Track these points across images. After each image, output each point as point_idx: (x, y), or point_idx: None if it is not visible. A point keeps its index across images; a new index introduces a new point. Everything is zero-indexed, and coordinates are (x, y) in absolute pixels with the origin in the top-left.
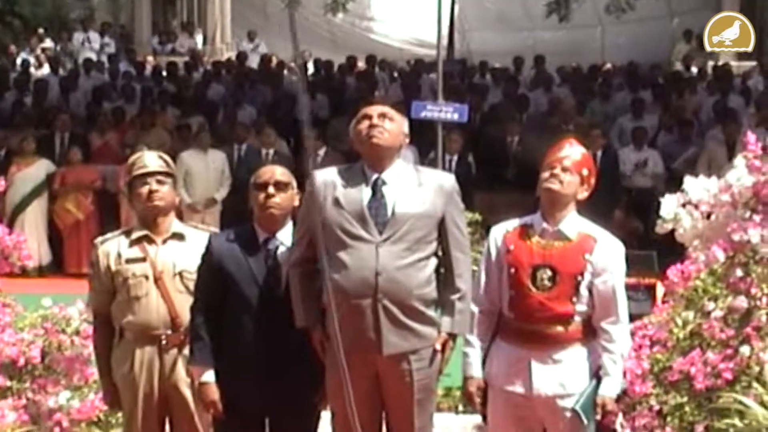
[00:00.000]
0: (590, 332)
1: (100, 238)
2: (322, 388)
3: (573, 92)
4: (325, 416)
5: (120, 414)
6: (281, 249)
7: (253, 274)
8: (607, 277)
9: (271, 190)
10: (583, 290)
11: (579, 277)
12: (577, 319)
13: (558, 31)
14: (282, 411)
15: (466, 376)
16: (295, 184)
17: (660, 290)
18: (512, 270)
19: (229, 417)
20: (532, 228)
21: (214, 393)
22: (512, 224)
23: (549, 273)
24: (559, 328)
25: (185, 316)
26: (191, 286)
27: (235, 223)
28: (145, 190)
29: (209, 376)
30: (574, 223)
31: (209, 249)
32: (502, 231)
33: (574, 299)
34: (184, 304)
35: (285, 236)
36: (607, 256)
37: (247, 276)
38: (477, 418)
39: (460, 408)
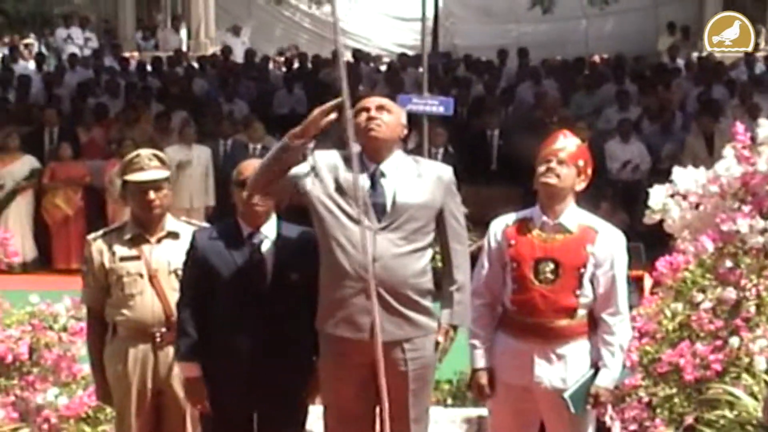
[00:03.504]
0: (596, 326)
1: (92, 235)
2: (310, 382)
3: (558, 85)
4: (314, 411)
5: (108, 410)
6: (265, 243)
7: (238, 269)
8: (609, 267)
9: None
10: (586, 282)
11: (582, 269)
12: (582, 312)
13: (542, 24)
14: (270, 406)
15: (475, 368)
16: None
17: (647, 282)
18: (514, 264)
19: (217, 413)
20: (531, 221)
21: (201, 388)
22: (511, 218)
23: (551, 266)
24: (564, 322)
25: None
26: None
27: (222, 218)
28: (143, 198)
29: (195, 371)
30: (574, 216)
31: (194, 244)
32: (501, 225)
33: (578, 292)
34: None
35: (269, 230)
36: (608, 247)
37: (232, 271)
38: (465, 411)
39: (449, 401)
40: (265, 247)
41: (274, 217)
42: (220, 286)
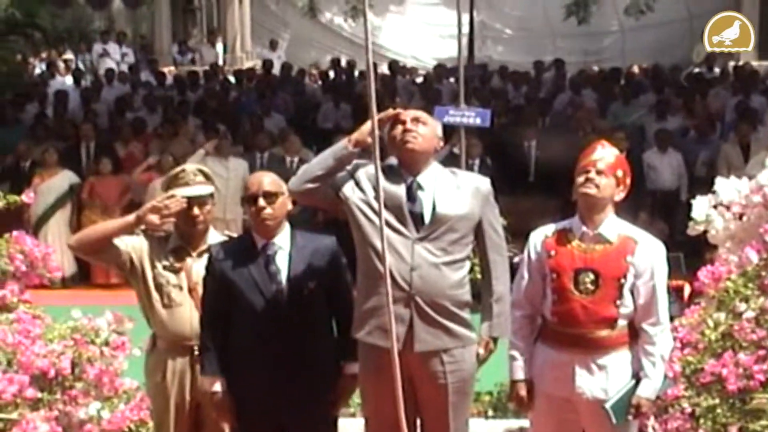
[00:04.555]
0: (636, 336)
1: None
2: (334, 391)
3: (596, 95)
4: (356, 423)
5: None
6: (280, 253)
7: (254, 281)
8: (649, 277)
9: (261, 202)
10: (627, 293)
11: (622, 280)
12: (623, 322)
13: (577, 36)
14: (297, 417)
15: (514, 380)
16: (285, 188)
17: (688, 291)
18: (554, 275)
19: (245, 427)
20: (571, 232)
21: (225, 403)
22: (550, 229)
23: (591, 277)
24: (604, 333)
25: None
26: None
27: None
28: (187, 213)
29: (219, 386)
30: (613, 226)
31: (211, 260)
32: (541, 236)
33: (618, 302)
34: None
35: (283, 240)
36: (648, 258)
37: (249, 283)
38: (507, 423)
39: (490, 413)
40: (280, 257)
41: (287, 227)
42: (238, 298)
